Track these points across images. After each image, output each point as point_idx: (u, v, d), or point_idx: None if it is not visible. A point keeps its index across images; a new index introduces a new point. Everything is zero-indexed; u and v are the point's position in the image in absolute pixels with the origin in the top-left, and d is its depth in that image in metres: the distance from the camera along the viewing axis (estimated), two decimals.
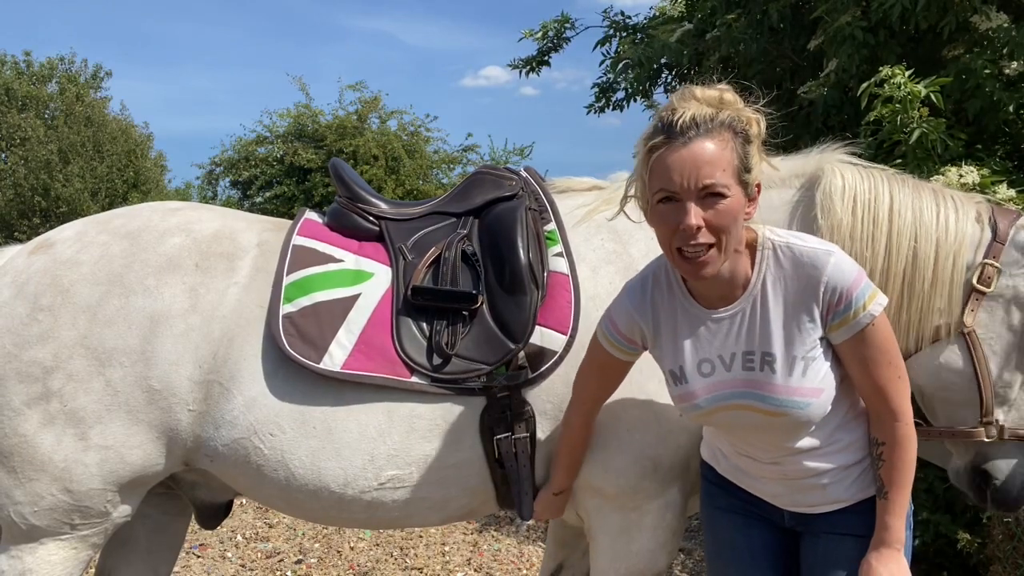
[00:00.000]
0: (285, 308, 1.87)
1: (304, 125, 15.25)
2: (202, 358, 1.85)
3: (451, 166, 16.28)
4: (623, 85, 5.48)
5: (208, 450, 1.88)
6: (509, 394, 1.86)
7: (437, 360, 1.86)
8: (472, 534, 4.45)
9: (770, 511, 1.69)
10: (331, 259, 1.97)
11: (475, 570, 4.02)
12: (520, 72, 6.05)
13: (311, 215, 2.13)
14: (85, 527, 1.88)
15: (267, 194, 14.74)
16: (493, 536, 4.43)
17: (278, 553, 4.21)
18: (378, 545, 4.28)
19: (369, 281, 1.95)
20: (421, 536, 4.38)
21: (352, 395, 1.86)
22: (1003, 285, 1.77)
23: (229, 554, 4.20)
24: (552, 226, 2.01)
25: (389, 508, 1.92)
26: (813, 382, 1.51)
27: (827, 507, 1.62)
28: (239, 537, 4.42)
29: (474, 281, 1.93)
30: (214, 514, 2.16)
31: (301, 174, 14.57)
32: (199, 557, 4.17)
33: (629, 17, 5.69)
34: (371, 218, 2.07)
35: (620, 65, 5.37)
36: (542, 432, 1.89)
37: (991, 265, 1.76)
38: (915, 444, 1.55)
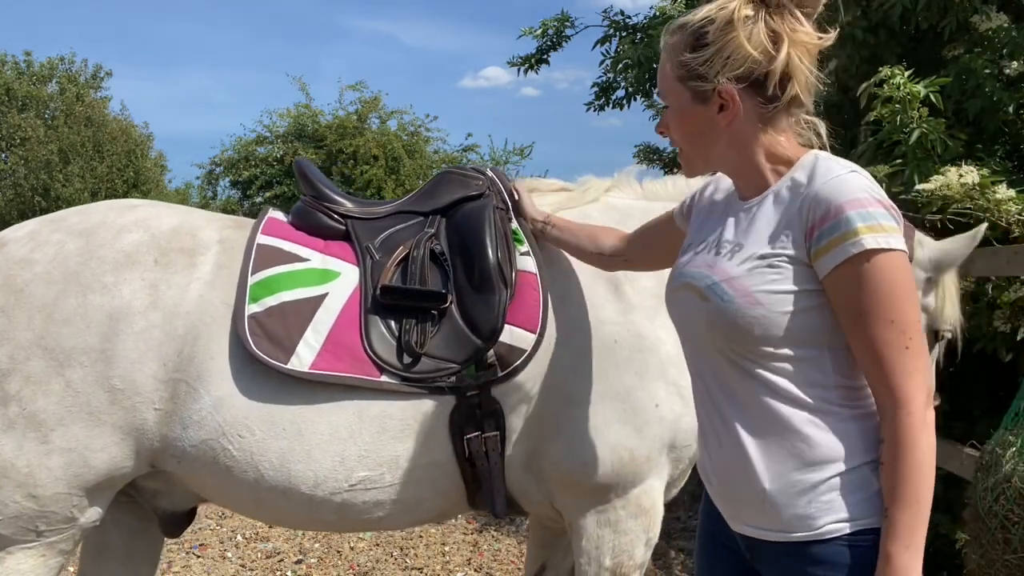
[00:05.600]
0: (251, 308, 1.84)
1: (304, 125, 15.28)
2: (166, 356, 1.80)
3: (451, 166, 16.29)
4: (623, 85, 5.50)
5: (175, 451, 1.84)
6: (479, 393, 1.86)
7: (407, 359, 1.85)
8: (472, 534, 4.45)
9: (731, 537, 1.43)
10: (297, 258, 1.95)
11: (475, 570, 4.02)
12: (519, 70, 6.07)
13: (275, 214, 2.10)
14: (52, 533, 1.83)
15: (267, 194, 14.76)
16: (493, 536, 4.43)
17: (278, 553, 4.21)
18: (378, 545, 4.28)
19: (336, 280, 1.93)
20: (421, 536, 4.38)
21: (322, 396, 1.84)
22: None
23: (229, 554, 4.20)
24: (518, 225, 2.03)
25: (360, 510, 1.90)
26: (753, 285, 1.25)
27: (770, 532, 1.28)
28: (239, 537, 4.42)
29: (443, 280, 1.92)
30: (176, 523, 2.12)
31: None
32: (199, 557, 4.16)
33: (629, 17, 5.71)
34: (337, 217, 2.05)
35: (620, 65, 5.38)
36: (512, 430, 1.90)
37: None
38: (931, 447, 1.16)
